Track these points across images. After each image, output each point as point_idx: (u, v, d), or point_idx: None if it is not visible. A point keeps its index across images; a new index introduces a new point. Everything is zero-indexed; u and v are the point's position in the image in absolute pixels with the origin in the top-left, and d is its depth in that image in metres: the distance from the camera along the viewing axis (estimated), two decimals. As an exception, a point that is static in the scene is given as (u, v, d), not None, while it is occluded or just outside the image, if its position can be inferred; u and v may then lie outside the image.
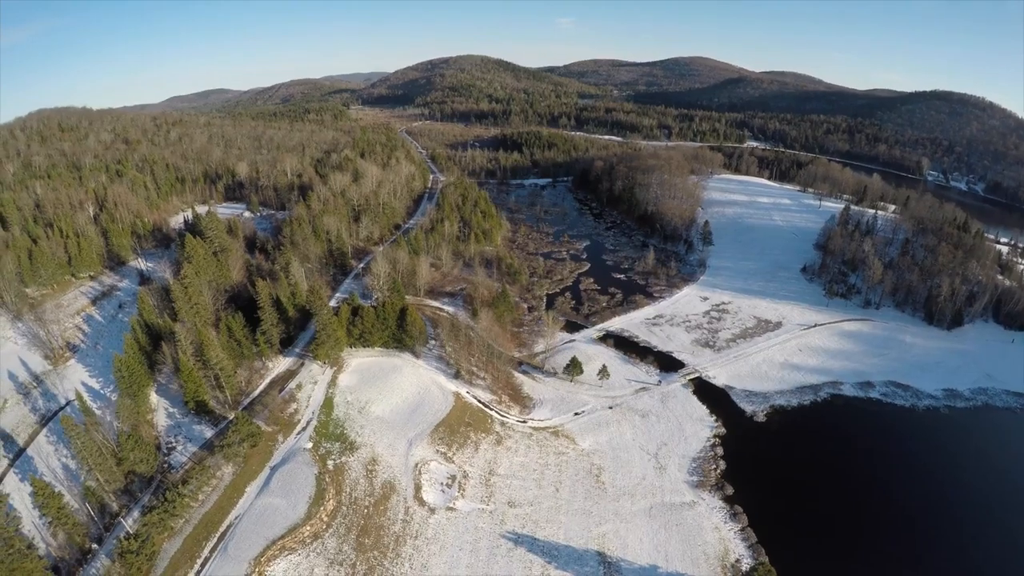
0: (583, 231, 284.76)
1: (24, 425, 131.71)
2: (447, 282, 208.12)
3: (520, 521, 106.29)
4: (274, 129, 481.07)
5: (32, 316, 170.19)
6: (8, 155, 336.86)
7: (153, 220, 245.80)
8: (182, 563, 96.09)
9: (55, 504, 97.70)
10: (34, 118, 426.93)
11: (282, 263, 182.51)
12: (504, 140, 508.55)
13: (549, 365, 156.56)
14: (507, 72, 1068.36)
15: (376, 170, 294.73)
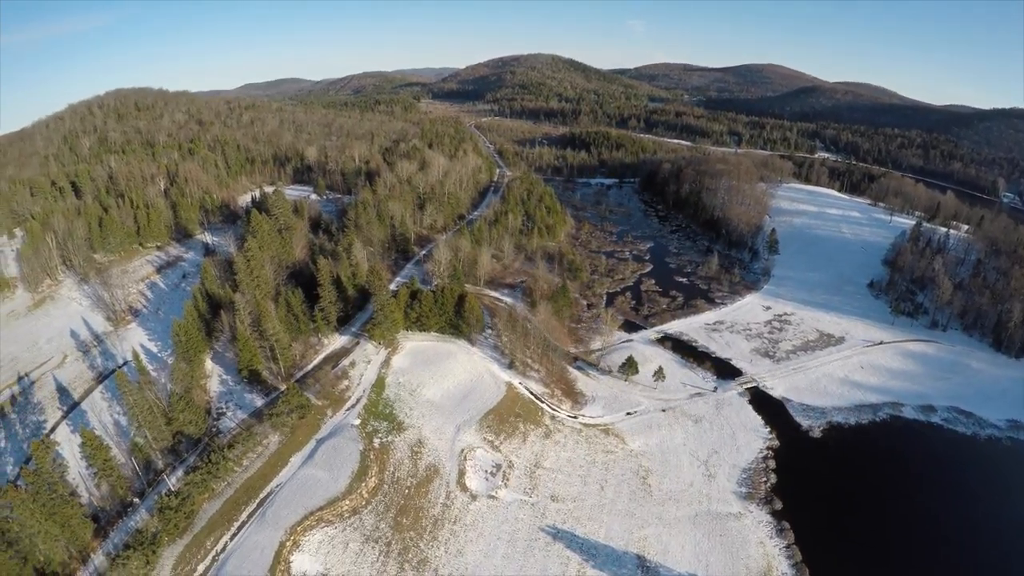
0: (647, 232, 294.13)
1: (81, 381, 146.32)
2: (508, 274, 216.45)
3: (561, 516, 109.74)
4: (344, 117, 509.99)
5: (98, 280, 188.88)
6: (85, 130, 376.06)
7: (221, 197, 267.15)
8: (220, 524, 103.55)
9: (102, 456, 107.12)
10: (111, 97, 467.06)
11: (345, 244, 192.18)
12: (572, 139, 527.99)
13: (604, 363, 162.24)
14: (577, 72, 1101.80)
15: (443, 160, 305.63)
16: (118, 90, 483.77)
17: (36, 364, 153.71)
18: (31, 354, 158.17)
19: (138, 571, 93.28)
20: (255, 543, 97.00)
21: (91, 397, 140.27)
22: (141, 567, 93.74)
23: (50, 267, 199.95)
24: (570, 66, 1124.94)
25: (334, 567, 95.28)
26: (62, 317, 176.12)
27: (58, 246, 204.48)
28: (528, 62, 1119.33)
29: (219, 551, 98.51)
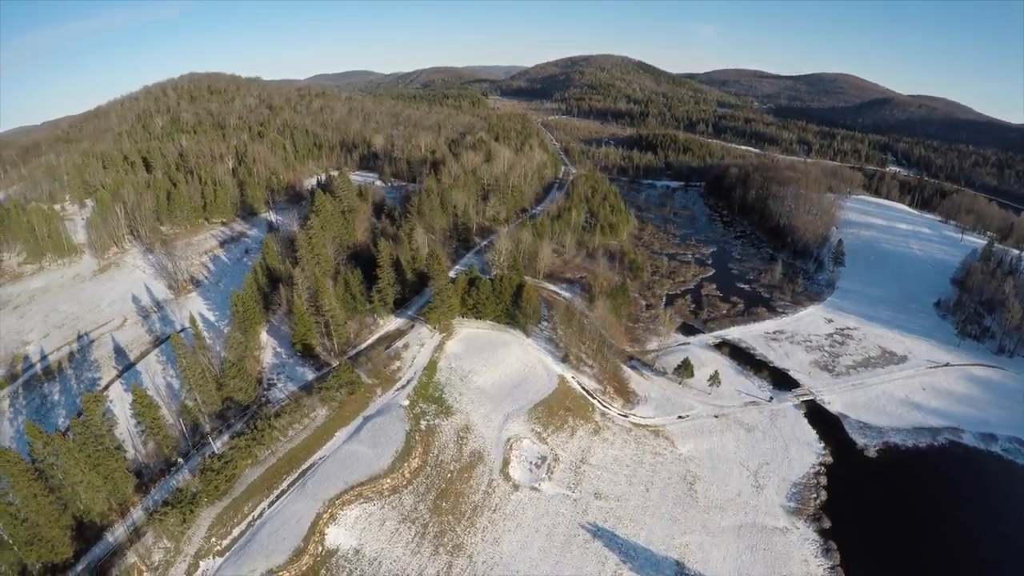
0: (711, 237, 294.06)
1: (138, 343, 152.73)
2: (567, 269, 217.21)
3: (603, 514, 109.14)
4: (412, 109, 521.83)
5: (163, 250, 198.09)
6: (159, 110, 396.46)
7: (288, 179, 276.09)
8: (259, 490, 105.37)
9: (151, 414, 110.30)
10: (185, 80, 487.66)
11: (407, 229, 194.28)
12: (639, 140, 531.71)
13: (659, 364, 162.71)
14: (646, 75, 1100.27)
15: (509, 153, 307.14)
16: (192, 74, 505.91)
17: (96, 325, 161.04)
18: (92, 315, 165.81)
19: (174, 528, 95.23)
20: (292, 512, 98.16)
21: (146, 359, 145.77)
22: (178, 524, 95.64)
23: (117, 235, 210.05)
24: (639, 68, 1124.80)
25: (368, 543, 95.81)
26: (125, 283, 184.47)
27: (126, 216, 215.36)
28: (597, 62, 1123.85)
29: (256, 517, 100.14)
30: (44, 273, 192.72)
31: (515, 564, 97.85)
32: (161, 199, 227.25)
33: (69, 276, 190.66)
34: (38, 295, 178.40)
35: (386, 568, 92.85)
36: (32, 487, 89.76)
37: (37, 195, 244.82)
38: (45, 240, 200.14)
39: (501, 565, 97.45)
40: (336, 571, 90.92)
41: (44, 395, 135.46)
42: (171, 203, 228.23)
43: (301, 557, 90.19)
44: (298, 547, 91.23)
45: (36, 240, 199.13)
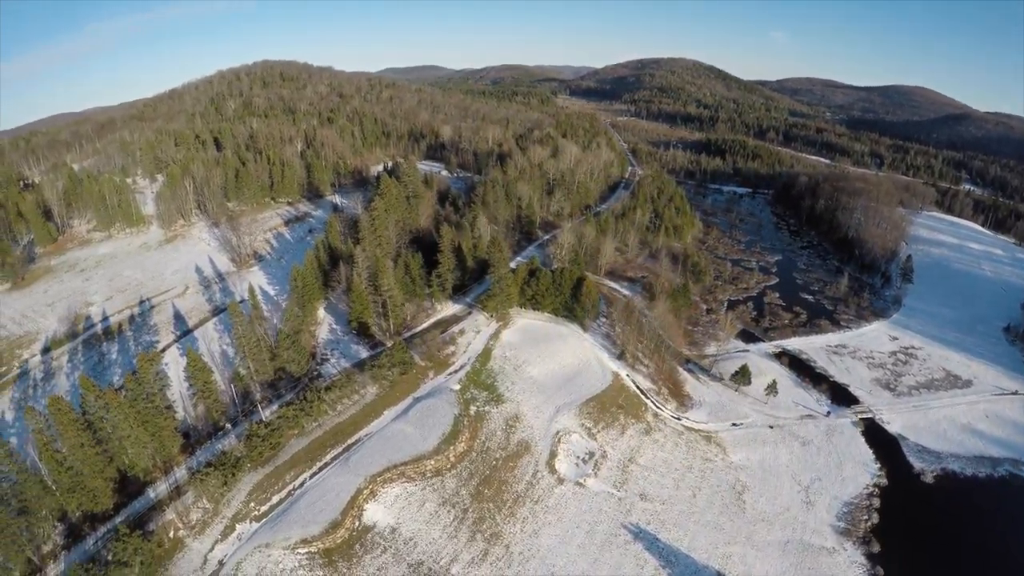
0: (776, 245, 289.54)
1: (197, 311, 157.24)
2: (629, 268, 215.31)
3: (646, 516, 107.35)
4: (481, 103, 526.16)
5: (228, 225, 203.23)
6: (232, 94, 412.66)
7: (354, 165, 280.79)
8: (302, 460, 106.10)
9: (203, 378, 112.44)
10: (259, 66, 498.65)
11: (470, 217, 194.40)
12: (708, 145, 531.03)
13: (716, 369, 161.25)
14: (717, 80, 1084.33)
15: (576, 150, 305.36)
16: (265, 61, 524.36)
17: (158, 291, 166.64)
18: (155, 282, 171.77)
19: (215, 490, 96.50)
20: (333, 484, 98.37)
21: (204, 327, 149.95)
22: (219, 486, 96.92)
23: (185, 209, 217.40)
24: (710, 72, 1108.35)
25: (405, 523, 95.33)
26: (189, 254, 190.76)
27: (194, 191, 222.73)
28: (668, 65, 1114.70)
29: (297, 486, 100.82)
30: (112, 240, 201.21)
31: (552, 558, 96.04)
32: (229, 177, 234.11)
33: (136, 244, 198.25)
34: (105, 260, 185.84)
35: (421, 549, 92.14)
36: (80, 437, 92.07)
37: (110, 168, 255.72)
38: (115, 209, 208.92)
39: (537, 558, 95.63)
40: (370, 547, 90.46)
41: (102, 354, 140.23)
42: (239, 181, 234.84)
43: (337, 530, 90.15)
44: (335, 520, 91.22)
45: (106, 209, 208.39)
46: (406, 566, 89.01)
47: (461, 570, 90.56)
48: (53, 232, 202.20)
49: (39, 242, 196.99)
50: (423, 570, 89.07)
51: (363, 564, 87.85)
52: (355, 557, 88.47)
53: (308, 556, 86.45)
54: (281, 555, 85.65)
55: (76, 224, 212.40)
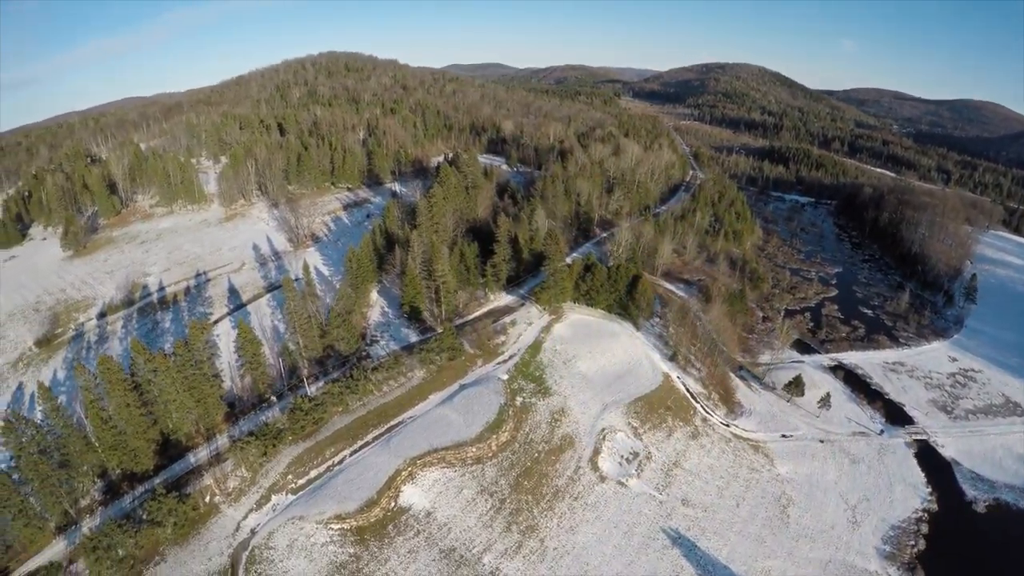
0: (837, 257, 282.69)
1: (252, 287, 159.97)
2: (686, 270, 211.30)
3: (687, 522, 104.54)
4: (543, 101, 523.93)
5: (288, 207, 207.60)
6: (297, 82, 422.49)
7: (415, 155, 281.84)
8: (343, 438, 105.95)
9: (252, 349, 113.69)
10: (324, 57, 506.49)
11: (528, 210, 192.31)
12: (771, 152, 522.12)
13: (769, 378, 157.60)
14: (783, 87, 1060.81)
15: (637, 149, 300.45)
16: (331, 52, 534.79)
17: (215, 266, 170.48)
18: (213, 257, 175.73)
19: (254, 459, 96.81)
20: (372, 463, 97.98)
21: (258, 302, 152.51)
22: (258, 456, 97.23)
23: (246, 189, 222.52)
24: (775, 79, 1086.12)
25: (441, 508, 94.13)
26: (248, 232, 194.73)
27: (256, 172, 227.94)
28: (733, 71, 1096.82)
29: (336, 462, 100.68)
30: (173, 216, 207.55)
31: (586, 556, 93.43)
32: (291, 160, 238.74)
33: (196, 221, 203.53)
34: (165, 234, 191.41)
35: (454, 536, 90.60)
36: (126, 397, 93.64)
37: (175, 149, 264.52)
38: (178, 186, 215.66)
39: (572, 554, 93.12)
40: (404, 529, 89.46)
41: (156, 322, 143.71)
42: (300, 165, 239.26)
43: (372, 509, 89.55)
44: (371, 498, 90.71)
45: (170, 186, 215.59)
46: (438, 551, 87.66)
47: (493, 560, 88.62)
48: (117, 205, 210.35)
49: (103, 214, 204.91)
50: (455, 556, 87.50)
51: (395, 545, 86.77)
52: (387, 537, 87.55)
53: (340, 532, 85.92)
54: (313, 529, 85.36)
55: (139, 199, 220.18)
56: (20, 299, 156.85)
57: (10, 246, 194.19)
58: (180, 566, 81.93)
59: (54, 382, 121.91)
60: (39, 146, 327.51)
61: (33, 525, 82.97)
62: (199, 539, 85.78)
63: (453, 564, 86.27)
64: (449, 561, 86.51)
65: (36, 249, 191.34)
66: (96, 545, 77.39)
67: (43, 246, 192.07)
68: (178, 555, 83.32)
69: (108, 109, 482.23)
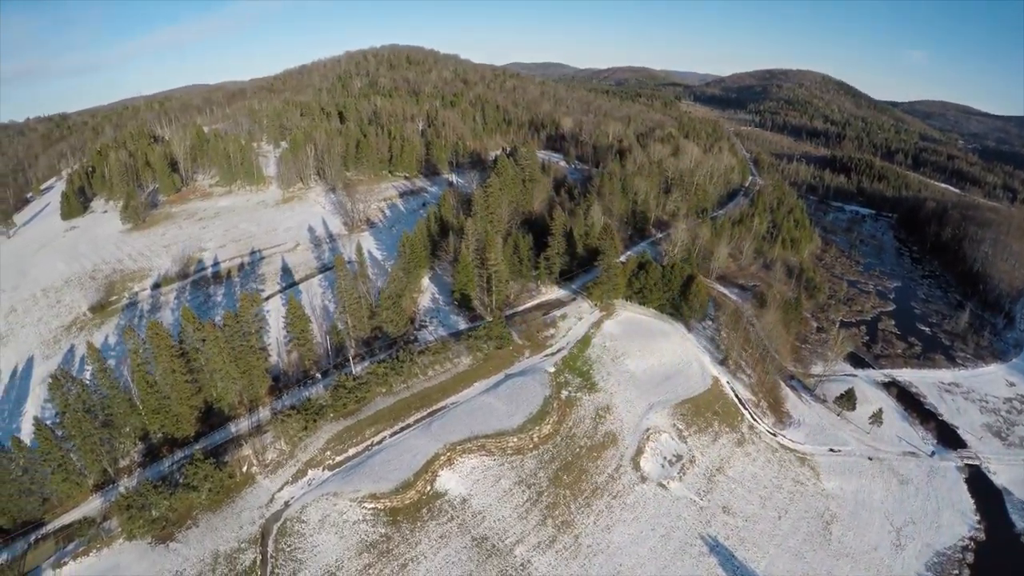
0: (896, 271, 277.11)
1: (304, 267, 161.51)
2: (741, 275, 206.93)
3: (726, 531, 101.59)
4: (603, 100, 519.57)
5: (344, 192, 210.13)
6: (358, 73, 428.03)
7: (473, 147, 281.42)
8: (385, 419, 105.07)
9: (301, 325, 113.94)
10: (387, 50, 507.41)
11: (584, 206, 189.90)
12: (832, 161, 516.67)
13: (820, 390, 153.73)
14: (846, 96, 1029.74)
15: (697, 151, 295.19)
16: (392, 45, 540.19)
17: (270, 245, 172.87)
18: (268, 236, 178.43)
19: (294, 432, 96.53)
20: (412, 446, 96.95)
21: (309, 282, 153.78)
22: (298, 430, 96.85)
23: (304, 173, 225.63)
24: (839, 88, 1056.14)
25: (477, 496, 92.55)
26: (304, 214, 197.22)
27: (315, 157, 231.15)
28: (796, 77, 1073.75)
29: (375, 442, 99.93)
30: (232, 195, 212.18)
31: (620, 556, 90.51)
32: (350, 147, 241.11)
33: (254, 201, 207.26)
34: (223, 212, 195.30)
35: (488, 525, 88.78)
36: (172, 363, 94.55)
37: (237, 132, 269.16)
38: (237, 168, 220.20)
39: (606, 553, 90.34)
40: (437, 513, 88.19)
41: (208, 295, 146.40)
42: (359, 152, 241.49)
43: (407, 491, 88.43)
44: (407, 480, 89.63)
45: (230, 167, 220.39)
46: (470, 538, 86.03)
47: (525, 552, 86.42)
48: (177, 183, 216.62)
49: (163, 191, 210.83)
50: (487, 545, 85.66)
51: (427, 529, 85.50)
52: (420, 521, 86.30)
53: (373, 512, 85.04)
54: (347, 506, 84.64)
55: (199, 179, 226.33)
56: (78, 267, 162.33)
57: (72, 217, 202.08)
58: (211, 532, 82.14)
59: (104, 347, 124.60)
60: (104, 126, 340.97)
61: (71, 480, 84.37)
62: (232, 507, 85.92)
63: (484, 553, 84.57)
64: (480, 550, 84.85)
65: (96, 221, 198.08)
66: (130, 504, 77.98)
67: (103, 218, 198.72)
68: (210, 521, 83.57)
69: (173, 95, 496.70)
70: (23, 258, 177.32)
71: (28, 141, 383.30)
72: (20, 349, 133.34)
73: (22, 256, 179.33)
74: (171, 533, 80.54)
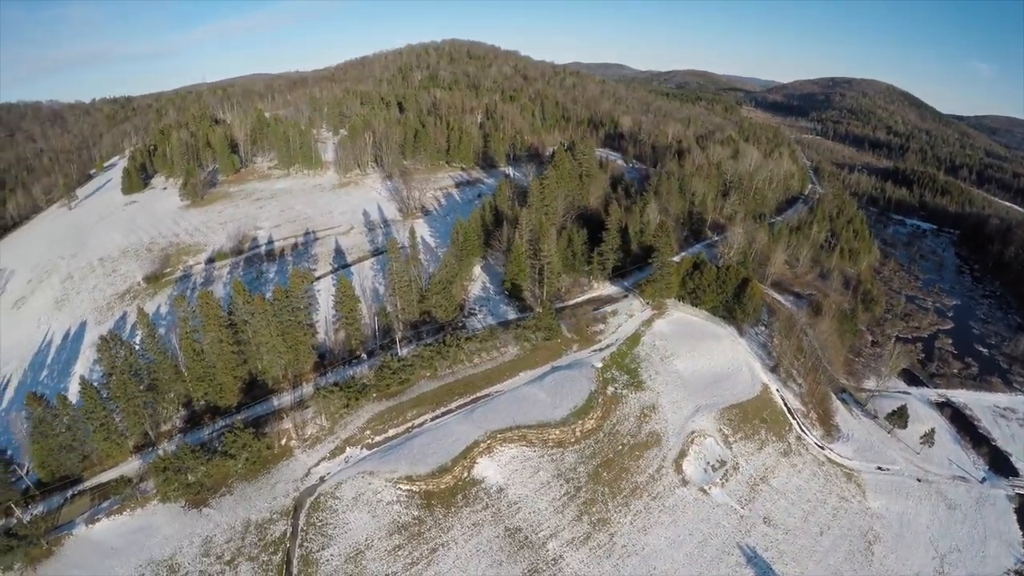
0: (956, 289, 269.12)
1: (357, 249, 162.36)
2: (797, 283, 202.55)
3: (765, 542, 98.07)
4: (663, 101, 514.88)
5: (401, 179, 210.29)
6: (418, 66, 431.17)
7: (531, 142, 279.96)
8: (427, 402, 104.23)
9: (350, 305, 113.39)
10: (447, 43, 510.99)
11: (640, 204, 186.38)
12: (894, 173, 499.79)
13: (871, 405, 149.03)
14: (911, 107, 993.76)
15: (757, 155, 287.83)
16: (453, 39, 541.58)
17: (325, 227, 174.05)
18: (323, 218, 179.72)
19: (335, 409, 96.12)
20: (452, 431, 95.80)
21: (361, 264, 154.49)
22: (339, 407, 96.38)
23: (362, 160, 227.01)
24: (904, 99, 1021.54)
25: (514, 486, 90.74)
26: (359, 199, 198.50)
27: (373, 145, 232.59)
28: (860, 87, 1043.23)
29: (416, 424, 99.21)
30: (289, 178, 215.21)
31: (655, 559, 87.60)
32: (408, 136, 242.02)
33: (311, 185, 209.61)
34: (280, 194, 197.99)
35: (522, 516, 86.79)
36: (220, 333, 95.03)
37: (297, 118, 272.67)
38: (296, 151, 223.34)
39: (640, 555, 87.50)
40: (472, 501, 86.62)
41: (261, 271, 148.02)
42: (417, 141, 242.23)
43: (444, 475, 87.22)
44: (444, 465, 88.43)
45: (288, 150, 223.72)
46: (503, 528, 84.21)
47: (557, 547, 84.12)
48: (236, 164, 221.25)
49: (222, 171, 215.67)
50: (519, 537, 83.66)
51: (460, 515, 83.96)
52: (454, 506, 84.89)
53: (408, 494, 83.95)
54: (382, 485, 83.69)
55: (258, 160, 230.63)
56: (135, 239, 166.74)
57: (132, 192, 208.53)
58: (245, 500, 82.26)
59: (156, 316, 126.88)
60: (168, 108, 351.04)
61: (112, 440, 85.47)
62: (268, 478, 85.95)
63: (516, 545, 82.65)
64: (512, 541, 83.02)
65: (156, 197, 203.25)
66: (167, 466, 78.33)
67: (162, 195, 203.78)
68: (244, 490, 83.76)
69: (236, 83, 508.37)
70: (83, 229, 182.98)
71: (93, 120, 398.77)
72: (74, 313, 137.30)
73: (82, 227, 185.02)
74: (205, 499, 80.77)
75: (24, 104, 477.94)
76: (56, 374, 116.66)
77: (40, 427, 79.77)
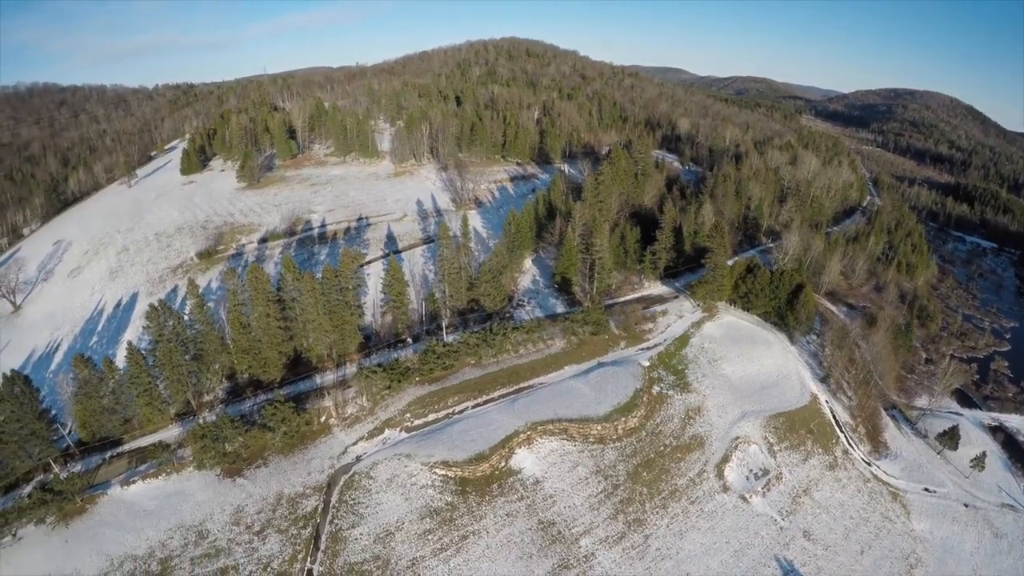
0: (1015, 310, 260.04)
1: (409, 236, 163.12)
2: (851, 294, 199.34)
3: (804, 557, 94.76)
4: (721, 106, 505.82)
5: (456, 171, 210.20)
6: (477, 62, 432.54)
7: (587, 140, 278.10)
8: (469, 389, 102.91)
9: (398, 288, 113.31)
10: (506, 41, 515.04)
11: (695, 205, 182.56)
12: (956, 188, 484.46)
13: (922, 424, 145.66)
14: (975, 122, 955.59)
15: (816, 162, 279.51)
16: (513, 37, 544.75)
17: (378, 214, 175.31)
18: (376, 205, 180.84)
19: (377, 390, 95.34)
20: (492, 420, 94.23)
21: (412, 251, 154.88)
22: (381, 388, 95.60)
23: (418, 151, 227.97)
24: (967, 113, 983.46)
25: (551, 480, 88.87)
26: (414, 188, 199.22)
27: (430, 136, 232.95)
28: (922, 99, 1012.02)
29: (456, 411, 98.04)
30: (345, 166, 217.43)
31: (689, 565, 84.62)
32: (465, 129, 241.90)
33: (366, 173, 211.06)
34: (335, 180, 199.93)
35: (557, 510, 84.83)
36: (268, 308, 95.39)
37: (355, 108, 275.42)
38: (353, 140, 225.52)
39: (674, 560, 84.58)
40: (508, 491, 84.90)
41: (312, 253, 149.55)
42: (473, 134, 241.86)
43: (481, 463, 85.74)
44: (482, 453, 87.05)
45: (345, 138, 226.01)
46: (536, 521, 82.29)
47: (590, 544, 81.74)
48: (293, 149, 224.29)
49: (279, 156, 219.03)
50: (552, 531, 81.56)
51: (494, 505, 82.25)
52: (489, 495, 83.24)
53: (443, 479, 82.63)
54: (418, 469, 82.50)
55: (315, 147, 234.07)
56: (191, 216, 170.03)
57: (190, 173, 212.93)
58: (280, 474, 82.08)
59: (206, 290, 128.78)
60: (229, 95, 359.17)
61: (154, 406, 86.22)
62: (304, 453, 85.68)
63: (548, 539, 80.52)
64: (545, 534, 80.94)
65: (213, 178, 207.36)
66: (205, 434, 78.54)
67: (220, 176, 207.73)
68: (280, 463, 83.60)
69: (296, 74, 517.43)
70: (141, 205, 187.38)
71: (156, 105, 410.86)
72: (128, 284, 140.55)
73: (140, 203, 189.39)
74: (240, 469, 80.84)
75: (89, 87, 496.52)
76: (106, 341, 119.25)
77: (84, 388, 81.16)
